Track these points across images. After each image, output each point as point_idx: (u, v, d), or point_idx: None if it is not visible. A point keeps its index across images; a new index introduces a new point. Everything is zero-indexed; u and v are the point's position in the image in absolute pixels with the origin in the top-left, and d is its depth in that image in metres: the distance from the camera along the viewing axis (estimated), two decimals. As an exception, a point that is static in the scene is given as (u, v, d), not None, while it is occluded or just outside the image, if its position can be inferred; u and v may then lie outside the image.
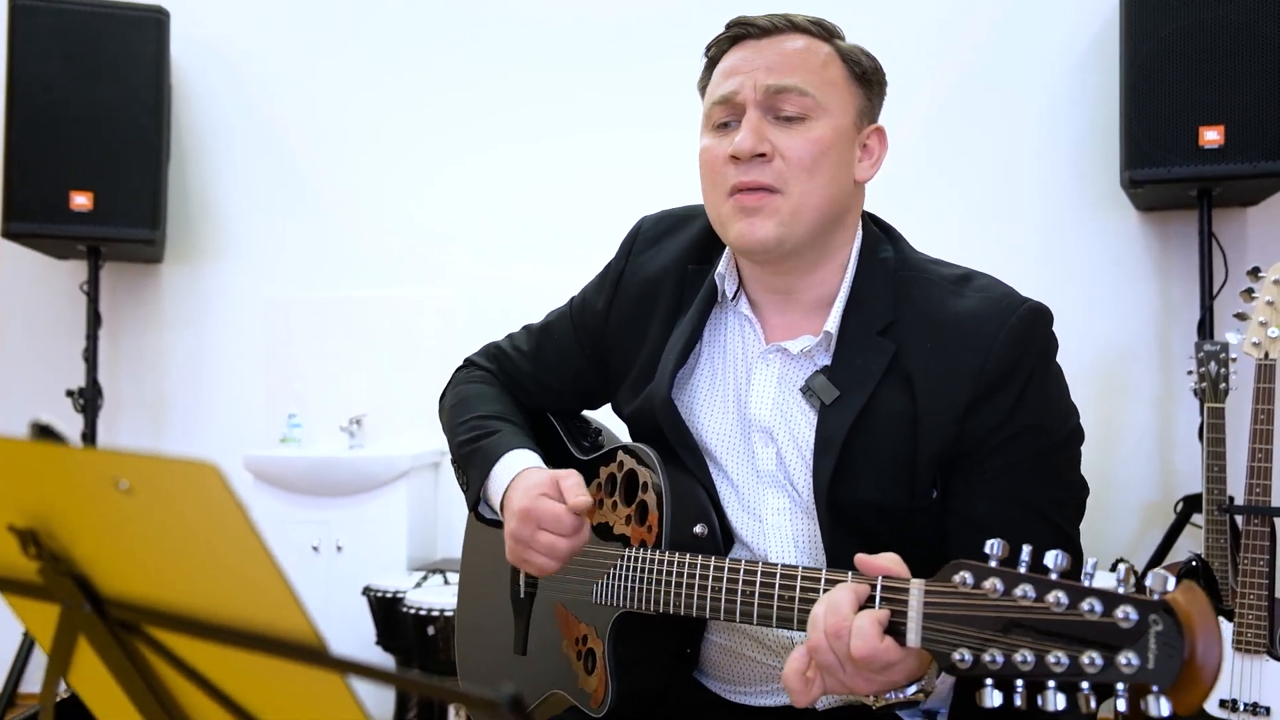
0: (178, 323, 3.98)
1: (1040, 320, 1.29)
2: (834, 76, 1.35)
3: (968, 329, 1.27)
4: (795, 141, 1.30)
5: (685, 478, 1.40)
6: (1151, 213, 3.42)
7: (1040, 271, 3.48)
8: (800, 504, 1.35)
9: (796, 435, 1.35)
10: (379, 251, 3.90)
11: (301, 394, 3.77)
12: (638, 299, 1.50)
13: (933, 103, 3.60)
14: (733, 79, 1.34)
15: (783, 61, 1.32)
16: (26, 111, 3.50)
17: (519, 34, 3.84)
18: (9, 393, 4.03)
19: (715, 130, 1.37)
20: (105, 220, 3.53)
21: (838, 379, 1.31)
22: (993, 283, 1.35)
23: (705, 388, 1.45)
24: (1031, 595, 0.86)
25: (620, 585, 1.38)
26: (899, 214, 3.65)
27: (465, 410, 1.58)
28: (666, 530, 1.35)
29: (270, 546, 0.65)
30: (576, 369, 1.60)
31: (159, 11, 3.64)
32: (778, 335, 1.40)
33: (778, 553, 1.36)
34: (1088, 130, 3.46)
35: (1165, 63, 3.06)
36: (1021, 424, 1.25)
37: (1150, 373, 3.42)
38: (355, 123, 3.95)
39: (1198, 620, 0.77)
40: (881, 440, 1.28)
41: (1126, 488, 3.41)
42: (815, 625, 1.04)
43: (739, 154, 1.30)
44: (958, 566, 0.93)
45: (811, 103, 1.31)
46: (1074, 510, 1.30)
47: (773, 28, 1.35)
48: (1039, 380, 1.27)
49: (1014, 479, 1.25)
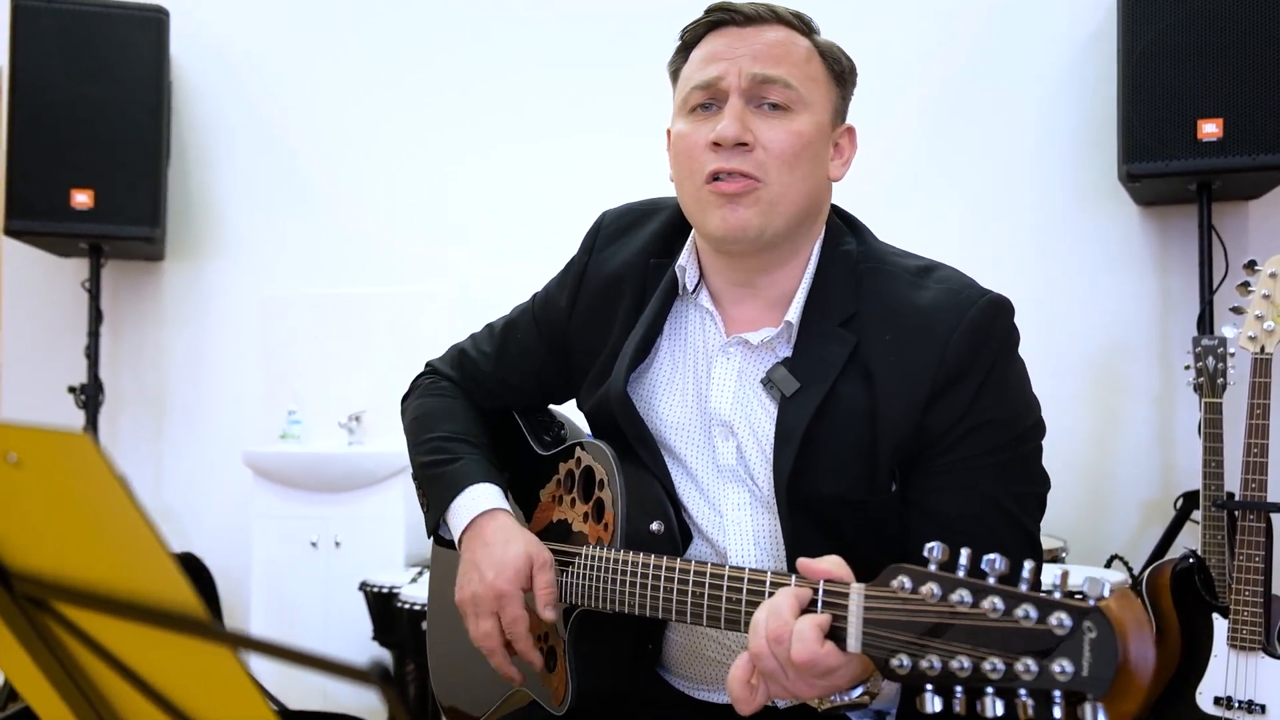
0: (179, 320, 4.01)
1: (1000, 312, 1.28)
2: (815, 72, 1.34)
3: (927, 321, 1.26)
4: (777, 133, 1.29)
5: (642, 474, 1.40)
6: (1152, 207, 3.39)
7: (1039, 266, 3.47)
8: (760, 498, 1.34)
9: (757, 428, 1.34)
10: (378, 249, 3.91)
11: (301, 391, 3.78)
12: (600, 294, 1.49)
13: (930, 98, 3.58)
14: (716, 64, 1.32)
15: (768, 51, 1.31)
16: (28, 110, 3.53)
17: (519, 34, 3.83)
18: (14, 389, 4.06)
19: (691, 114, 1.34)
20: (106, 218, 3.56)
21: (798, 371, 1.30)
22: (954, 274, 1.34)
23: (665, 381, 1.44)
24: (968, 600, 0.85)
25: (577, 584, 1.38)
26: (898, 210, 3.70)
27: (426, 428, 1.58)
28: (621, 528, 1.35)
29: (152, 518, 0.64)
30: (539, 366, 1.59)
31: (159, 11, 3.67)
32: (738, 328, 1.38)
33: (737, 548, 1.35)
34: (1087, 124, 3.44)
35: (1163, 55, 3.03)
36: (981, 418, 1.24)
37: (1150, 368, 3.39)
38: (355, 121, 3.96)
39: (1131, 627, 0.77)
40: (841, 432, 1.27)
41: (1126, 484, 3.39)
42: (757, 630, 1.03)
43: (722, 140, 1.28)
44: (896, 570, 0.93)
45: (795, 95, 1.30)
46: (1034, 504, 1.29)
47: (756, 16, 1.33)
48: (999, 373, 1.26)
49: (973, 472, 1.24)
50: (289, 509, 3.46)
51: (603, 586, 1.34)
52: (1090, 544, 3.30)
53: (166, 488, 3.97)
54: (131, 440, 3.99)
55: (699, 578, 1.20)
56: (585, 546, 1.39)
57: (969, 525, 1.23)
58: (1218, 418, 2.73)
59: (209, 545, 3.83)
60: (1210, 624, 2.56)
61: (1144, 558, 3.14)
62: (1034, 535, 1.28)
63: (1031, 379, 1.35)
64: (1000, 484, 1.25)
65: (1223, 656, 2.52)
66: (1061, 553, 2.98)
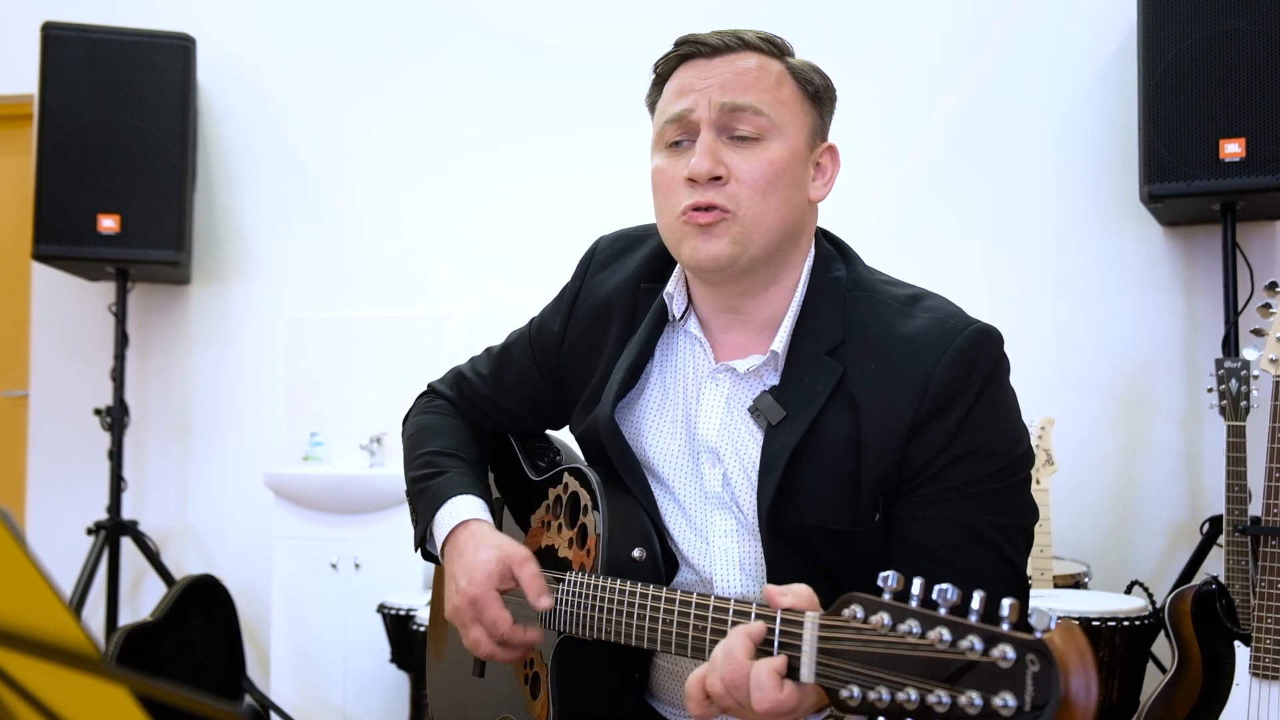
0: (204, 342, 4.06)
1: (986, 342, 1.26)
2: (787, 96, 1.32)
3: (911, 350, 1.25)
4: (750, 164, 1.28)
5: (627, 500, 1.39)
6: (1176, 227, 3.35)
7: (1063, 288, 3.43)
8: (746, 525, 1.34)
9: (743, 456, 1.33)
10: (400, 272, 3.94)
11: (322, 412, 3.81)
12: (592, 320, 1.49)
13: (951, 119, 3.57)
14: (686, 97, 1.31)
15: (736, 80, 1.30)
16: (57, 136, 3.60)
17: (542, 66, 3.86)
18: (42, 412, 4.13)
19: (668, 150, 1.34)
20: (131, 243, 3.61)
21: (785, 399, 1.29)
22: (941, 304, 1.32)
23: (654, 408, 1.44)
24: (916, 631, 0.84)
25: (560, 610, 1.37)
26: (919, 232, 3.67)
27: (419, 444, 1.59)
28: (603, 554, 1.35)
29: (36, 557, 0.64)
30: (534, 391, 1.59)
31: (185, 39, 3.73)
32: (727, 355, 1.38)
33: (723, 575, 1.35)
34: (1109, 144, 3.41)
35: (1184, 75, 3.01)
36: (965, 448, 1.23)
37: (1176, 390, 3.34)
38: (377, 146, 4.00)
39: (1073, 661, 0.76)
40: (825, 462, 1.26)
41: (1152, 507, 3.34)
42: (714, 671, 1.03)
43: (695, 176, 1.28)
44: (850, 599, 0.92)
45: (766, 123, 1.29)
46: (1019, 535, 1.27)
47: (724, 46, 1.32)
48: (985, 404, 1.24)
49: (957, 504, 1.23)
50: (309, 530, 3.48)
51: (583, 613, 1.33)
52: (1114, 568, 3.26)
53: (191, 509, 4.01)
54: (157, 461, 4.04)
55: (669, 605, 1.19)
56: (569, 572, 1.38)
57: (951, 556, 1.22)
58: (1241, 441, 2.68)
59: (231, 566, 3.87)
60: (1232, 652, 2.51)
61: (1169, 583, 3.09)
62: (1018, 567, 1.26)
63: (1052, 401, 1.34)
64: (984, 515, 1.23)
65: (1245, 685, 2.46)
66: (1084, 577, 2.94)
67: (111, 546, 3.66)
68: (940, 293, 1.36)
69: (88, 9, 3.85)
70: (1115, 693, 2.56)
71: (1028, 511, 1.29)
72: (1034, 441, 2.88)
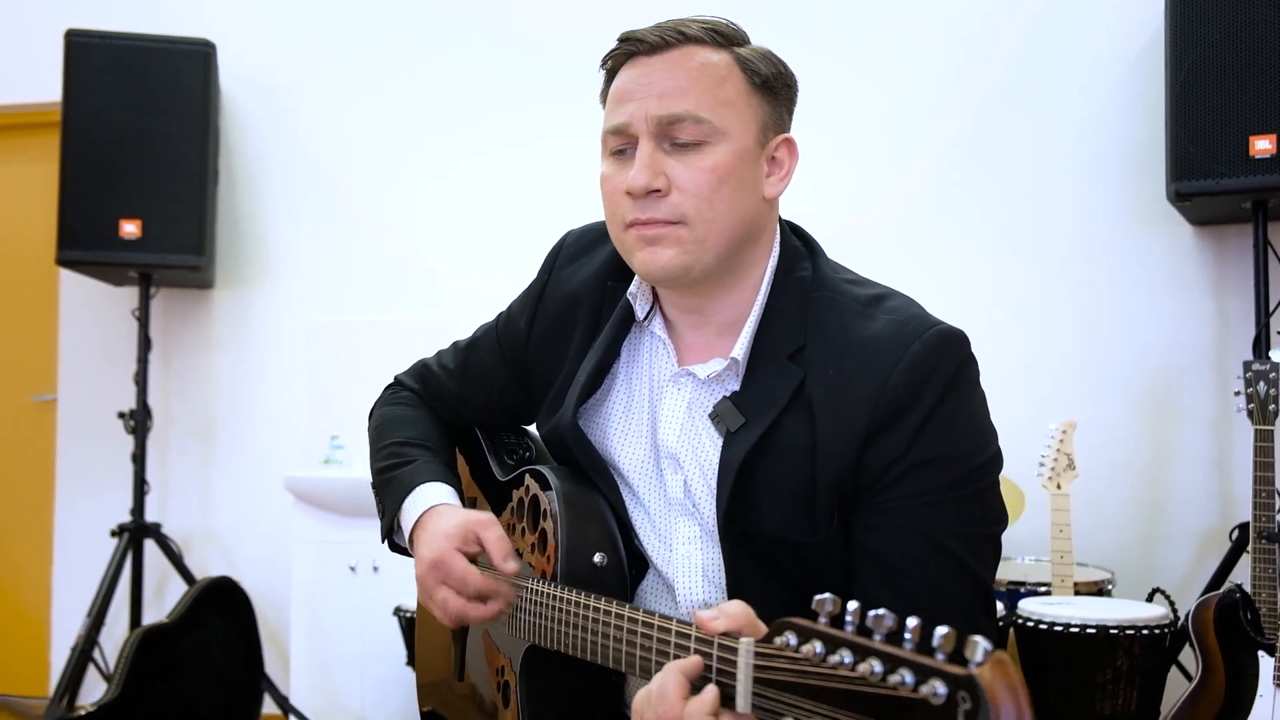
0: (227, 347, 4.09)
1: (947, 345, 1.20)
2: (731, 94, 1.26)
3: (868, 354, 1.20)
4: (691, 172, 1.23)
5: (589, 503, 1.35)
6: (1206, 226, 3.27)
7: (1089, 289, 3.37)
8: (708, 532, 1.30)
9: (703, 462, 1.30)
10: (420, 276, 3.94)
11: (343, 416, 3.82)
12: (558, 316, 1.46)
13: (973, 118, 3.51)
14: (625, 106, 1.27)
15: (674, 87, 1.24)
16: (80, 142, 3.63)
17: (562, 66, 3.83)
18: (70, 415, 4.19)
19: (612, 157, 1.30)
20: (153, 247, 3.64)
21: (744, 405, 1.25)
22: (904, 305, 1.26)
23: (620, 412, 1.41)
24: (848, 662, 0.81)
25: (524, 619, 1.34)
26: (941, 230, 3.61)
27: (384, 435, 1.56)
28: (561, 561, 1.31)
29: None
30: (501, 387, 1.56)
31: (206, 45, 3.75)
32: (692, 356, 1.35)
33: (685, 582, 1.32)
34: (1136, 143, 3.34)
35: (1212, 70, 2.93)
36: (924, 455, 1.18)
37: (1206, 393, 3.27)
38: (398, 151, 4.01)
39: (1002, 698, 0.72)
40: (781, 470, 1.22)
41: (1180, 513, 3.27)
42: (649, 706, 0.99)
43: (632, 191, 1.24)
44: (783, 625, 0.88)
45: (708, 129, 1.24)
46: (984, 545, 1.22)
47: (663, 42, 1.26)
48: (946, 409, 1.19)
49: (915, 512, 1.18)
50: (328, 534, 3.49)
51: (543, 623, 1.29)
52: (1141, 575, 3.18)
53: (213, 511, 4.05)
54: (179, 464, 4.08)
55: (619, 621, 1.15)
56: (530, 579, 1.35)
57: (909, 567, 1.17)
58: (1269, 445, 2.62)
59: (252, 568, 3.89)
60: (1256, 662, 2.47)
61: (1198, 589, 3.01)
62: (981, 578, 1.21)
63: (1077, 405, 1.28)
64: (945, 524, 1.18)
65: (1269, 696, 2.42)
66: (1108, 584, 2.88)
67: (135, 549, 3.69)
68: (957, 290, 1.33)
69: (110, 17, 3.89)
70: (1134, 702, 2.51)
71: (993, 519, 1.24)
72: (1055, 445, 2.83)
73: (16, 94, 4.22)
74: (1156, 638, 2.49)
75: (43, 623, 4.19)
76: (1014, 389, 3.34)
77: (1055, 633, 2.48)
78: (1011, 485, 3.01)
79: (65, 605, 4.09)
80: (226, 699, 3.16)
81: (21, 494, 4.29)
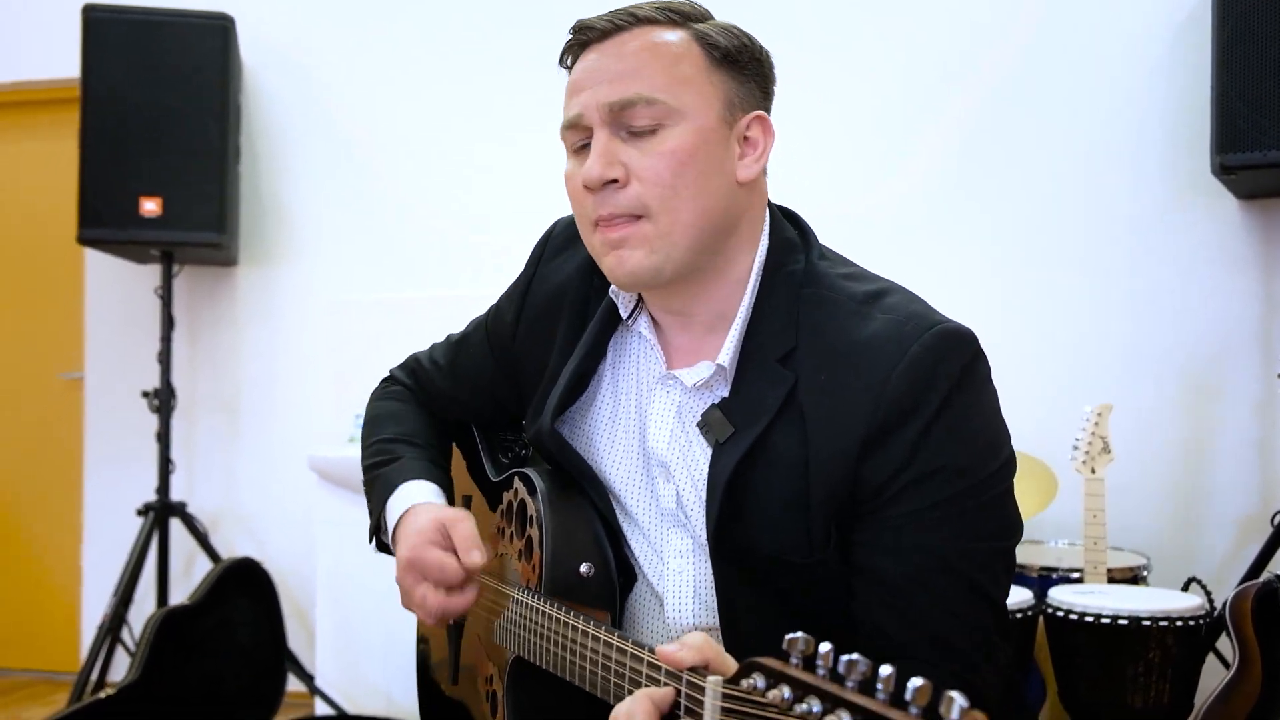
0: (251, 324, 4.08)
1: (952, 344, 1.12)
2: (687, 72, 1.18)
3: (865, 357, 1.12)
4: (649, 159, 1.16)
5: (575, 509, 1.30)
6: (1253, 200, 3.17)
7: (1131, 266, 3.29)
8: (700, 545, 1.24)
9: (694, 473, 1.23)
10: (444, 253, 3.91)
11: (367, 394, 3.79)
12: (543, 311, 1.40)
13: (1013, 88, 3.42)
14: (577, 98, 1.21)
15: (624, 70, 1.18)
16: (99, 119, 3.60)
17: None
18: (96, 393, 4.20)
19: (574, 154, 1.24)
20: (173, 225, 3.61)
21: (733, 414, 1.18)
22: (903, 302, 1.18)
23: (606, 417, 1.35)
24: (816, 711, 0.76)
25: (508, 629, 1.31)
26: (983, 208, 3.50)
27: (373, 432, 1.55)
28: (546, 571, 1.26)
29: None
30: (490, 383, 1.52)
31: (224, 19, 3.71)
32: (680, 357, 1.28)
33: (675, 597, 1.26)
34: (1182, 114, 3.23)
35: (1259, 37, 2.83)
36: (928, 466, 1.10)
37: (1251, 374, 3.17)
38: (423, 124, 3.96)
39: (972, 765, 0.67)
40: (772, 484, 1.15)
41: (1221, 498, 3.19)
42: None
43: (589, 184, 1.18)
44: (752, 666, 0.83)
45: (663, 110, 1.16)
46: (997, 560, 1.15)
47: (613, 26, 1.21)
48: (951, 414, 1.10)
49: (921, 530, 1.10)
50: (352, 513, 3.47)
51: (525, 636, 1.26)
52: (1178, 561, 3.11)
53: (238, 490, 4.06)
54: (205, 443, 4.08)
55: (594, 644, 1.10)
56: (515, 589, 1.30)
57: (914, 589, 1.10)
58: (1314, 431, 2.53)
59: (278, 547, 3.90)
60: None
61: (1237, 576, 2.94)
62: (993, 596, 1.14)
63: (1115, 387, 1.18)
64: (952, 541, 1.10)
65: (1308, 694, 2.34)
66: (1143, 570, 2.83)
67: (161, 528, 3.70)
68: (993, 267, 1.26)
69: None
70: (1167, 695, 2.47)
71: (1006, 531, 1.16)
72: (1090, 429, 2.75)
73: (35, 70, 4.21)
74: (1190, 629, 2.44)
75: (73, 600, 4.23)
76: (1050, 370, 3.28)
77: (1085, 623, 2.44)
78: (1044, 468, 2.95)
79: (95, 583, 4.12)
80: (250, 679, 3.18)
81: (51, 470, 4.32)
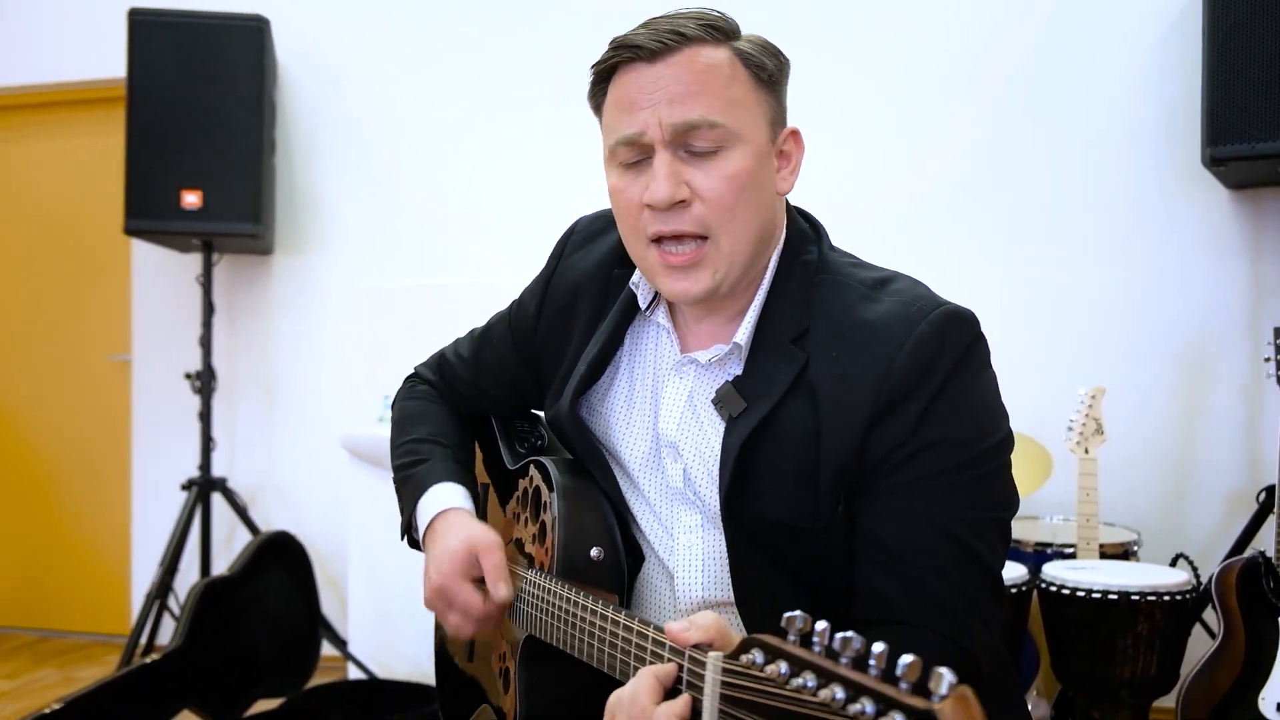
0: (287, 310, 4.22)
1: (954, 325, 1.18)
2: (740, 94, 1.22)
3: (873, 337, 1.18)
4: (714, 181, 1.20)
5: (588, 495, 1.36)
6: (1242, 190, 3.27)
7: (1125, 253, 3.38)
8: (710, 520, 1.30)
9: (704, 450, 1.29)
10: (472, 240, 4.02)
11: (398, 377, 3.92)
12: (564, 303, 1.44)
13: (1009, 81, 3.50)
14: (635, 115, 1.22)
15: (684, 90, 1.19)
16: (144, 116, 3.76)
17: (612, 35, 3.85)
18: (143, 376, 4.37)
19: (624, 169, 1.26)
20: (213, 217, 3.77)
21: (746, 390, 1.24)
22: (910, 287, 1.24)
23: (622, 401, 1.40)
24: (811, 686, 0.80)
25: (521, 608, 1.35)
26: (976, 200, 3.61)
27: (403, 432, 1.59)
28: (558, 553, 1.31)
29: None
30: (513, 374, 1.56)
31: (259, 20, 3.85)
32: (696, 343, 1.33)
33: (684, 572, 1.31)
34: (1173, 106, 3.32)
35: (1249, 33, 2.91)
36: (929, 438, 1.16)
37: (1239, 357, 3.28)
38: (452, 117, 4.06)
39: (963, 736, 0.71)
40: (784, 455, 1.20)
41: (1209, 476, 3.31)
42: (620, 709, 1.00)
43: (655, 204, 1.21)
44: (751, 642, 0.88)
45: (724, 132, 1.20)
46: (992, 530, 1.20)
47: (664, 47, 1.21)
48: (953, 391, 1.16)
49: (921, 496, 1.16)
50: (381, 489, 3.60)
51: (537, 615, 1.30)
52: (1168, 537, 3.24)
53: (276, 466, 4.22)
54: (245, 423, 4.25)
55: (602, 622, 1.15)
56: (529, 571, 1.35)
57: (913, 554, 1.15)
58: (1295, 411, 2.63)
59: (313, 521, 4.05)
60: (1276, 628, 2.48)
61: (1223, 552, 3.06)
62: (989, 564, 1.18)
63: (1108, 369, 1.21)
64: (951, 509, 1.16)
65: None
66: (1134, 545, 2.92)
67: (203, 502, 3.88)
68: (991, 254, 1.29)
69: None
70: (1154, 666, 2.54)
71: (1002, 503, 1.21)
72: (1084, 410, 2.86)
73: (85, 71, 4.36)
74: (1178, 604, 2.52)
75: (123, 568, 4.43)
76: (1046, 352, 3.38)
77: (1078, 598, 2.52)
78: (1040, 448, 3.05)
79: (143, 552, 4.31)
80: (285, 648, 3.26)
81: (102, 447, 4.51)
